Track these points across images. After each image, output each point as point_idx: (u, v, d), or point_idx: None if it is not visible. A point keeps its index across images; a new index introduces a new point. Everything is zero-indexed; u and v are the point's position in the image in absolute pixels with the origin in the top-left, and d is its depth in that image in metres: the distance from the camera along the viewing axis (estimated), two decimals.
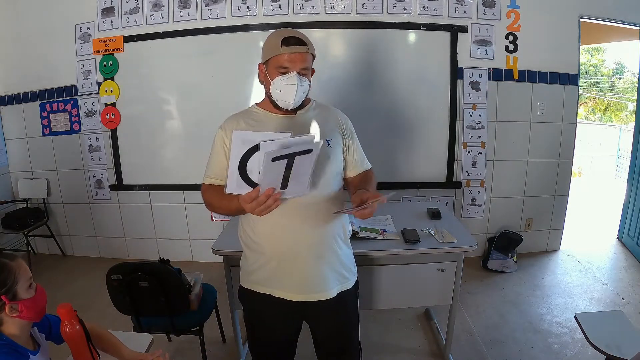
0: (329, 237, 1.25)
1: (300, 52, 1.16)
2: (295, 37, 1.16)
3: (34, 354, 1.04)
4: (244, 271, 1.33)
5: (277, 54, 1.15)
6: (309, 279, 1.23)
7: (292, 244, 1.21)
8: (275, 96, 1.20)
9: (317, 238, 1.22)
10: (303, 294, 1.24)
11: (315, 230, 1.22)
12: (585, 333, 1.50)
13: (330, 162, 1.24)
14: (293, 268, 1.22)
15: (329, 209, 1.23)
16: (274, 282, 1.25)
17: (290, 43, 1.14)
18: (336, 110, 1.37)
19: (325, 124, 1.28)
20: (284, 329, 1.33)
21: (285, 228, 1.21)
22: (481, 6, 2.87)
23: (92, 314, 2.35)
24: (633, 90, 7.32)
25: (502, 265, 3.04)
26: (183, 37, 2.90)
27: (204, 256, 3.28)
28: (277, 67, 1.16)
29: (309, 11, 2.84)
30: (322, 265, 1.24)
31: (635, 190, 3.30)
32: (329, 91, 2.83)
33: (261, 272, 1.26)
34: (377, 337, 2.29)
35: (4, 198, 3.31)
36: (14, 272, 0.98)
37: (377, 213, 2.08)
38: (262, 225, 1.22)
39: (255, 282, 1.28)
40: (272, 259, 1.23)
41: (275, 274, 1.24)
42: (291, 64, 1.15)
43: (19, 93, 3.23)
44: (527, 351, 2.15)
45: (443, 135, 3.01)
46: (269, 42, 1.20)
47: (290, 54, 1.14)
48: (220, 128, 1.27)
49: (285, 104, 1.20)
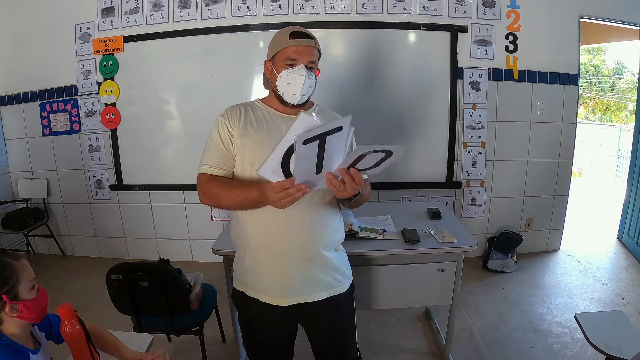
0: (321, 240, 1.23)
1: (308, 45, 1.17)
2: (302, 32, 1.18)
3: (35, 353, 1.03)
4: (235, 272, 1.31)
5: (284, 47, 1.16)
6: (295, 282, 1.21)
7: (280, 248, 1.19)
8: (281, 90, 1.19)
9: (308, 242, 1.21)
10: (290, 297, 1.22)
11: (308, 233, 1.20)
12: (585, 333, 1.50)
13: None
14: (280, 272, 1.20)
15: (323, 213, 1.22)
16: (260, 286, 1.24)
17: (298, 36, 1.16)
18: (339, 116, 1.34)
19: None
20: (276, 333, 1.32)
21: (274, 232, 1.19)
22: (481, 6, 2.87)
23: (92, 314, 2.34)
24: (633, 90, 7.32)
25: (502, 265, 3.04)
26: (183, 37, 2.90)
27: (204, 256, 3.28)
28: (284, 59, 1.16)
29: (309, 11, 2.84)
30: (312, 269, 1.22)
31: (635, 190, 3.30)
32: (329, 91, 2.83)
33: (250, 274, 1.25)
34: (377, 337, 2.29)
35: (4, 198, 3.31)
36: (16, 271, 0.97)
37: (377, 213, 2.11)
38: (252, 228, 1.21)
39: (246, 284, 1.27)
40: (260, 263, 1.22)
41: (262, 277, 1.23)
42: (299, 56, 1.16)
43: (19, 93, 3.23)
44: (527, 351, 2.15)
45: (443, 135, 3.01)
46: (276, 38, 1.21)
47: (298, 46, 1.15)
48: (221, 115, 1.23)
49: (292, 97, 1.19)
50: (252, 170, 1.17)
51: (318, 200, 1.21)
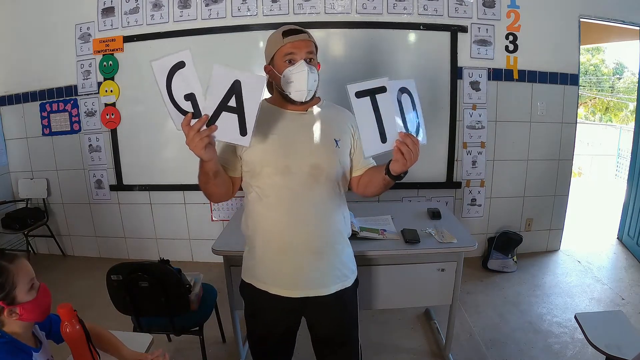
0: (328, 235, 1.25)
1: (302, 39, 1.18)
2: (295, 28, 1.19)
3: (37, 351, 1.04)
4: (245, 264, 1.34)
5: (280, 46, 1.17)
6: (306, 275, 1.23)
7: (290, 242, 1.21)
8: (287, 89, 1.19)
9: (316, 236, 1.23)
10: (300, 289, 1.24)
11: (316, 228, 1.22)
12: (585, 333, 1.50)
13: (337, 162, 1.24)
14: (290, 265, 1.23)
15: (331, 208, 1.24)
16: (270, 278, 1.26)
17: (291, 33, 1.17)
18: (346, 110, 1.35)
19: (337, 124, 1.28)
20: (281, 324, 1.34)
21: (283, 226, 1.21)
22: (481, 6, 2.87)
23: (92, 314, 2.34)
24: (633, 90, 7.33)
25: (502, 265, 3.04)
26: (183, 37, 2.89)
27: (204, 256, 3.28)
28: (282, 57, 1.17)
29: (309, 11, 2.84)
30: (321, 263, 1.24)
31: (635, 190, 3.30)
32: (329, 91, 2.81)
33: (259, 267, 1.27)
34: (377, 337, 2.29)
35: (4, 198, 3.31)
36: (12, 276, 0.96)
37: (377, 213, 2.11)
38: (261, 221, 1.23)
39: (254, 276, 1.29)
40: (269, 256, 1.24)
41: (271, 270, 1.25)
42: (296, 50, 1.16)
43: (19, 93, 3.23)
44: (527, 351, 2.15)
45: (443, 135, 3.01)
46: (270, 41, 1.22)
47: (293, 42, 1.16)
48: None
49: (298, 95, 1.18)
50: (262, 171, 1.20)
51: (324, 195, 1.23)
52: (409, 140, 1.07)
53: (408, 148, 1.07)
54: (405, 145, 1.07)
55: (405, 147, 1.07)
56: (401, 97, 1.11)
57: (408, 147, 1.07)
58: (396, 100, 1.09)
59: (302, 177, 1.19)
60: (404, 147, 1.07)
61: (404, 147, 1.07)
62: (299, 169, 1.19)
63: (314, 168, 1.20)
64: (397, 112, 1.10)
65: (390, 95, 1.08)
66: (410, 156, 1.08)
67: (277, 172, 1.19)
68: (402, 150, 1.07)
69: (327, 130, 1.24)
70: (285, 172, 1.19)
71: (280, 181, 1.19)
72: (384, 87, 1.07)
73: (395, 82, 1.10)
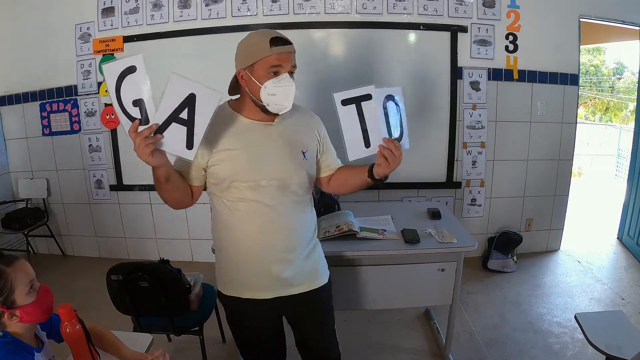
0: (299, 240, 1.26)
1: (290, 52, 1.14)
2: (282, 38, 1.13)
3: (39, 351, 1.04)
4: (217, 275, 1.34)
5: (267, 55, 1.10)
6: (278, 277, 1.24)
7: (262, 249, 1.22)
8: (267, 100, 1.13)
9: (287, 243, 1.24)
10: (272, 290, 1.25)
11: (286, 237, 1.23)
12: (585, 333, 1.50)
13: (304, 174, 1.26)
14: (261, 270, 1.23)
15: (300, 215, 1.27)
16: (243, 284, 1.26)
17: (279, 43, 1.11)
18: (310, 114, 1.36)
19: (304, 133, 1.28)
20: (262, 327, 1.34)
21: (255, 235, 1.21)
22: (481, 6, 2.87)
23: (92, 314, 2.34)
24: (633, 90, 7.32)
25: (502, 265, 3.04)
26: (183, 37, 2.90)
27: (204, 256, 3.28)
28: (267, 67, 1.11)
29: (309, 11, 2.84)
30: (292, 265, 1.25)
31: (635, 190, 3.30)
32: (329, 91, 2.82)
33: (231, 274, 1.28)
34: (377, 337, 2.29)
35: (4, 198, 3.31)
36: (10, 279, 0.95)
37: (377, 213, 2.11)
38: (232, 232, 1.24)
39: (227, 284, 1.30)
40: (241, 263, 1.25)
41: (244, 275, 1.26)
42: (283, 63, 1.12)
43: (19, 93, 3.23)
44: (527, 351, 2.15)
45: (443, 135, 3.01)
46: (251, 44, 1.15)
47: (280, 54, 1.11)
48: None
49: (279, 108, 1.15)
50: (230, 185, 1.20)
51: (293, 204, 1.25)
52: (392, 145, 1.13)
53: (391, 153, 1.12)
54: (389, 150, 1.12)
55: (389, 152, 1.12)
56: (387, 104, 1.16)
57: (391, 152, 1.12)
58: (381, 107, 1.15)
59: (271, 191, 1.19)
60: (387, 151, 1.12)
61: (387, 152, 1.12)
62: (268, 183, 1.19)
63: (282, 181, 1.21)
64: (382, 119, 1.15)
65: (375, 103, 1.13)
66: (393, 160, 1.13)
67: (246, 187, 1.18)
68: (385, 154, 1.12)
69: (294, 143, 1.24)
70: (254, 187, 1.18)
71: (250, 195, 1.19)
72: (369, 94, 1.13)
73: (381, 90, 1.15)
